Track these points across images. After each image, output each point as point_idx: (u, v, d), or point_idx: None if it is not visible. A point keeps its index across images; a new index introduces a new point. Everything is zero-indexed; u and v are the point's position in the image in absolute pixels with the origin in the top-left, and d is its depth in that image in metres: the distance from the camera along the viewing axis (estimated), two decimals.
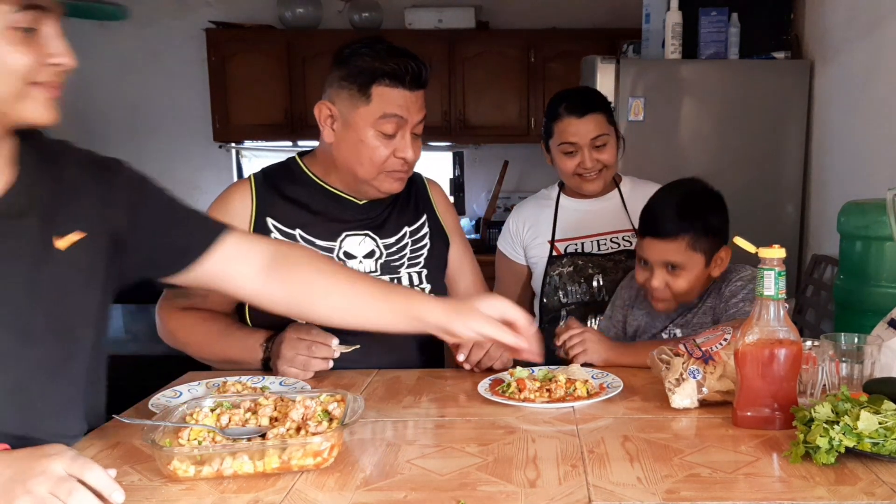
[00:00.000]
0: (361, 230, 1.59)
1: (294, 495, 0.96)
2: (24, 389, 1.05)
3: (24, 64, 0.96)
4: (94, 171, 1.15)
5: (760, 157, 2.96)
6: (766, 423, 1.16)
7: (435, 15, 4.14)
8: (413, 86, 1.49)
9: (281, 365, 1.43)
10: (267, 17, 4.26)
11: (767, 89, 2.91)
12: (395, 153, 1.51)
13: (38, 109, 1.00)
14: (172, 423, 1.07)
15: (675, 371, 1.27)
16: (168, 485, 0.99)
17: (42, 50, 0.98)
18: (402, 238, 1.62)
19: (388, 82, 1.47)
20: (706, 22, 2.91)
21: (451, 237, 1.71)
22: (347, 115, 1.50)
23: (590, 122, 1.92)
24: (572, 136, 1.92)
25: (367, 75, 1.48)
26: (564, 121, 1.93)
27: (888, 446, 1.01)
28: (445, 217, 1.71)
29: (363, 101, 1.48)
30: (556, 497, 0.95)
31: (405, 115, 1.49)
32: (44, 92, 0.99)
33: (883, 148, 2.42)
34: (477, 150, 4.56)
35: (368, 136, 1.49)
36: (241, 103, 4.17)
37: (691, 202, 1.59)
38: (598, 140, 1.92)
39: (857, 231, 1.90)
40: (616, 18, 4.04)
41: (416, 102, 1.51)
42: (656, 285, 1.58)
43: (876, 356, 1.26)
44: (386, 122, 1.49)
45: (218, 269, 1.22)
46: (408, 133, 1.51)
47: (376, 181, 1.54)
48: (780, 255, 1.13)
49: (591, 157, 1.92)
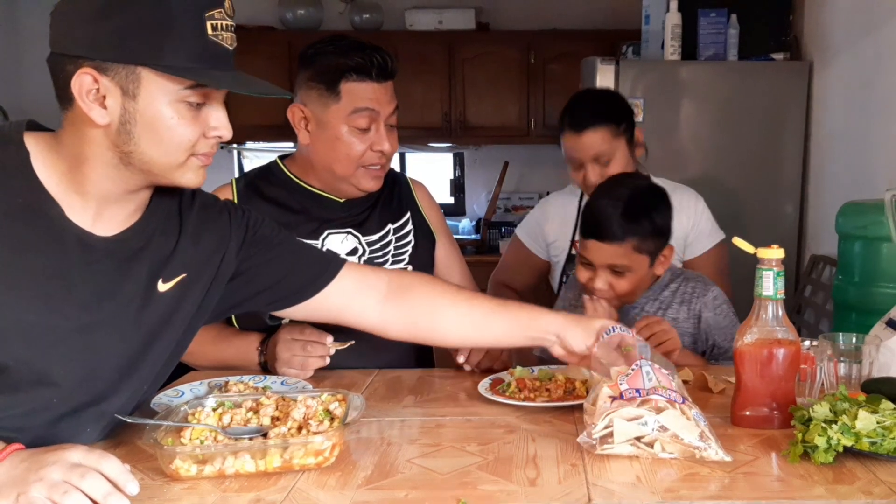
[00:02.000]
0: (343, 228, 1.59)
1: (295, 494, 0.97)
2: (113, 417, 1.11)
3: (190, 138, 1.01)
4: (213, 216, 1.19)
5: (759, 158, 2.96)
6: (765, 423, 1.16)
7: (435, 16, 4.15)
8: (380, 77, 1.49)
9: (279, 367, 1.44)
10: (268, 18, 4.27)
11: (766, 90, 2.92)
12: (372, 147, 1.51)
13: (191, 176, 1.04)
14: (175, 423, 1.07)
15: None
16: (170, 484, 1.00)
17: (206, 123, 1.02)
18: (386, 235, 1.62)
19: (356, 77, 1.48)
20: (705, 23, 2.92)
21: (438, 236, 1.70)
22: (320, 114, 1.51)
23: (588, 139, 1.81)
24: (573, 153, 1.85)
25: (333, 73, 1.48)
26: (566, 134, 1.86)
27: (886, 445, 1.01)
28: (430, 215, 1.70)
29: (333, 98, 1.49)
30: (555, 496, 0.95)
31: (376, 107, 1.49)
32: (201, 161, 1.04)
33: (881, 149, 2.43)
34: (477, 151, 4.56)
35: (343, 133, 1.50)
36: (243, 104, 4.13)
37: (636, 203, 1.53)
38: (601, 158, 1.82)
39: (855, 231, 1.91)
40: (616, 20, 4.05)
41: (385, 94, 1.51)
42: (600, 286, 1.54)
43: (874, 356, 1.26)
44: (358, 117, 1.49)
45: (338, 302, 1.26)
46: (381, 125, 1.51)
47: (354, 178, 1.54)
48: (779, 255, 1.14)
49: (593, 172, 1.83)
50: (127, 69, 0.95)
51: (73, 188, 1.02)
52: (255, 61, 4.15)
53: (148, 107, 0.97)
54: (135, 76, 0.96)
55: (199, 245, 1.15)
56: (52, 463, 0.88)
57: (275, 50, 4.15)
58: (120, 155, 0.99)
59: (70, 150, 1.00)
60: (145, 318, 1.09)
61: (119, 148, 0.99)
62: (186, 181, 1.04)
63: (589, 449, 1.07)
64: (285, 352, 1.43)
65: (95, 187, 1.02)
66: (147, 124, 0.97)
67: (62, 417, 1.05)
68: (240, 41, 1.06)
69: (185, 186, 1.06)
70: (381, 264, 1.60)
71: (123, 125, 0.97)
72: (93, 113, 0.96)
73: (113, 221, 1.06)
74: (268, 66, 4.14)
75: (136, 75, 0.96)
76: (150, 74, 0.96)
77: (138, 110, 0.97)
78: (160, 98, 0.97)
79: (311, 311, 1.27)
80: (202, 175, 1.06)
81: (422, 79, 4.03)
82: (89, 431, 1.10)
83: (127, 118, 0.97)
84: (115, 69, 0.95)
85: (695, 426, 1.05)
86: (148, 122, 0.97)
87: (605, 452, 1.06)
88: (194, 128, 1.01)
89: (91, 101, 0.96)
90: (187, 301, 1.14)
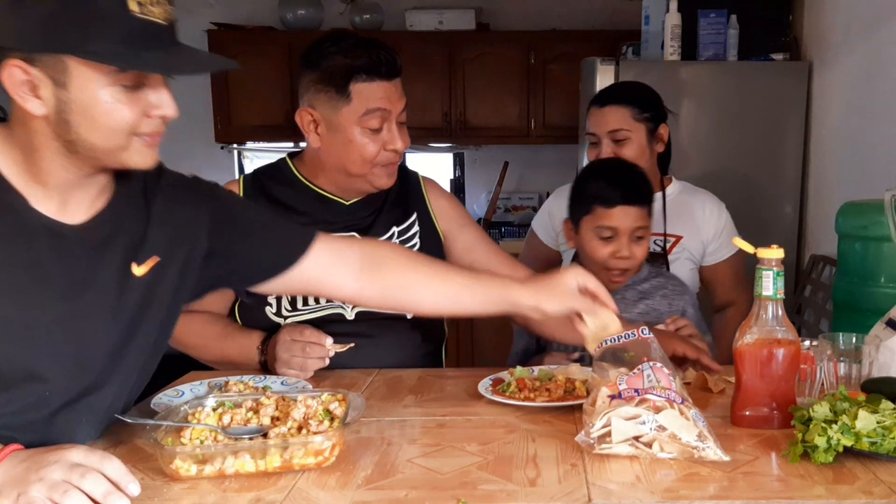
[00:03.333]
0: (347, 232, 1.56)
1: (295, 494, 0.97)
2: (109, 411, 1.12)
3: (127, 120, 0.98)
4: (180, 195, 1.17)
5: (759, 159, 2.96)
6: (765, 423, 1.16)
7: (435, 17, 4.15)
8: (389, 75, 1.48)
9: (279, 367, 1.44)
10: (268, 18, 4.27)
11: (766, 91, 2.92)
12: (385, 146, 1.51)
13: (138, 156, 1.02)
14: (175, 423, 1.07)
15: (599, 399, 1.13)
16: (170, 484, 1.00)
17: (146, 102, 0.99)
18: (391, 238, 1.61)
19: (365, 77, 1.46)
20: (705, 24, 2.92)
21: (452, 229, 1.66)
22: (330, 117, 1.49)
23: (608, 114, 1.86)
24: (592, 127, 1.89)
25: (342, 74, 1.46)
26: (590, 111, 1.89)
27: (886, 445, 1.02)
28: (441, 213, 1.66)
29: (344, 101, 1.47)
30: (555, 496, 0.95)
31: (388, 106, 1.48)
32: (145, 141, 1.02)
33: (881, 149, 2.43)
34: (477, 152, 4.56)
35: (356, 135, 1.49)
36: (243, 104, 4.18)
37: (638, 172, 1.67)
38: (618, 134, 1.86)
39: (855, 231, 1.91)
40: (615, 20, 4.05)
41: (395, 91, 1.50)
42: (626, 254, 1.60)
43: (874, 356, 1.26)
44: (370, 118, 1.48)
45: (315, 274, 1.26)
46: (393, 124, 1.50)
47: (371, 176, 1.53)
48: (779, 255, 1.14)
49: (607, 149, 1.87)
50: (54, 58, 0.93)
51: (33, 178, 1.01)
52: (255, 61, 4.15)
53: (80, 95, 0.95)
54: (62, 65, 0.94)
55: (169, 226, 1.14)
56: (52, 463, 0.88)
57: (275, 50, 4.14)
58: (64, 143, 0.99)
59: (21, 140, 1.00)
60: (124, 303, 1.09)
61: (62, 137, 0.98)
62: (134, 163, 1.03)
63: (587, 448, 1.07)
64: (284, 352, 1.43)
65: (52, 176, 1.01)
66: (82, 112, 0.96)
67: (57, 412, 1.06)
68: (240, 42, 1.06)
69: (135, 168, 1.04)
70: None
71: (60, 114, 0.96)
72: (28, 105, 0.95)
73: (80, 208, 1.06)
74: (268, 66, 4.14)
75: (63, 64, 0.94)
76: (76, 63, 0.94)
77: (72, 99, 0.95)
78: (91, 85, 0.95)
79: (288, 285, 1.26)
80: (151, 155, 1.04)
81: (422, 79, 4.03)
82: (85, 423, 1.10)
83: (62, 107, 0.96)
84: (42, 59, 0.93)
85: (693, 426, 1.05)
86: (83, 110, 0.96)
87: (603, 452, 1.06)
88: (132, 109, 0.98)
89: (25, 93, 0.95)
90: (164, 284, 1.13)
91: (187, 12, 4.21)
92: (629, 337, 1.20)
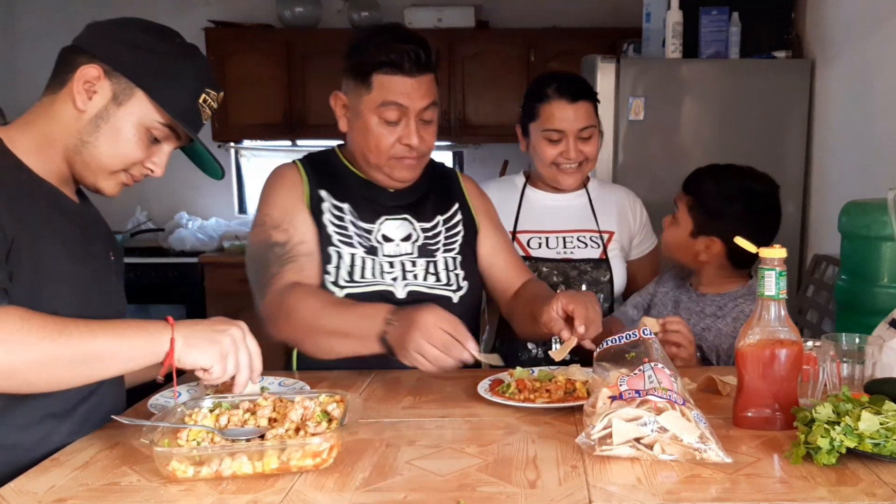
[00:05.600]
0: (399, 214, 1.61)
1: (293, 496, 0.96)
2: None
3: (134, 156, 1.19)
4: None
5: (761, 157, 2.92)
6: (767, 424, 1.15)
7: (434, 14, 4.13)
8: (414, 71, 1.49)
9: (408, 346, 1.29)
10: (266, 16, 4.25)
11: (768, 89, 2.91)
12: (401, 140, 1.52)
13: (112, 184, 1.22)
14: (171, 424, 1.06)
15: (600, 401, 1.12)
16: (167, 485, 0.99)
17: (150, 155, 1.21)
18: (437, 225, 1.64)
19: (388, 70, 1.48)
20: (707, 21, 2.91)
21: (485, 226, 1.70)
22: (355, 104, 1.54)
23: (580, 110, 1.84)
24: (559, 123, 1.84)
25: (367, 65, 1.50)
26: (553, 104, 1.84)
27: (889, 447, 1.01)
28: (477, 207, 1.71)
29: (365, 89, 1.51)
30: (556, 498, 0.94)
31: (405, 102, 1.49)
32: (125, 179, 1.22)
33: (884, 147, 2.42)
34: (477, 150, 4.55)
35: (373, 124, 1.51)
36: (240, 102, 4.16)
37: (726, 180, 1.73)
38: (585, 132, 1.85)
39: (858, 231, 1.90)
40: (616, 18, 4.04)
41: (418, 88, 1.50)
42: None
43: (877, 356, 1.25)
44: (387, 110, 1.50)
45: None
46: (412, 120, 1.51)
47: (387, 167, 1.55)
48: (781, 254, 1.13)
49: (575, 147, 1.85)
50: (128, 84, 1.16)
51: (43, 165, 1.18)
52: (252, 59, 4.15)
53: (124, 116, 1.16)
54: (130, 91, 1.16)
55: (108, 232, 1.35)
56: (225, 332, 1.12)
57: (272, 48, 4.14)
58: (77, 142, 1.17)
59: (41, 130, 1.17)
60: (115, 282, 1.30)
61: (81, 135, 1.16)
62: (105, 187, 1.21)
63: (587, 450, 1.06)
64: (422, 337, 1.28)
65: (56, 166, 1.19)
66: (114, 128, 1.16)
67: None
68: (238, 39, 1.09)
69: (102, 192, 1.22)
70: (433, 251, 1.60)
71: (96, 118, 1.16)
72: (78, 96, 1.14)
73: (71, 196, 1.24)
74: (265, 64, 4.13)
75: (131, 91, 1.16)
76: (143, 97, 1.16)
77: (117, 115, 1.16)
78: (136, 115, 1.17)
79: None
80: (119, 190, 1.23)
81: None
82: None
83: (102, 115, 1.16)
84: (118, 79, 1.15)
85: (695, 427, 1.04)
86: (115, 127, 1.16)
87: (604, 453, 1.05)
88: (142, 153, 1.19)
89: (85, 89, 1.14)
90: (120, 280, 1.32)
91: (185, 10, 4.20)
92: (630, 337, 1.19)
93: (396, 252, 1.58)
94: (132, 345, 1.06)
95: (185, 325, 1.10)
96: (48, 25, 4.03)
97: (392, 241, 1.58)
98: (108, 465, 1.07)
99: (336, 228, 1.56)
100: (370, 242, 1.57)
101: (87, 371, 1.05)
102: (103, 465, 1.07)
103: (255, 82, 4.12)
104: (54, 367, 1.01)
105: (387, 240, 1.58)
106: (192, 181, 4.40)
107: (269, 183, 1.62)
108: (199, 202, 4.51)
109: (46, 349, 1.00)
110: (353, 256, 1.55)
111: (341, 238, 1.56)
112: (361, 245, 1.56)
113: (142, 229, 4.36)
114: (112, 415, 1.15)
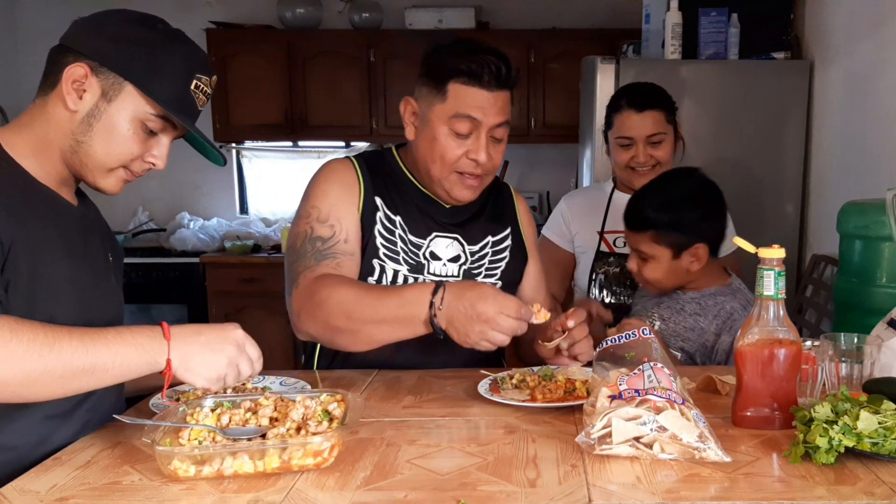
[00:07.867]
0: (451, 233, 1.56)
1: (294, 495, 0.97)
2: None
3: (131, 152, 1.17)
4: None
5: (760, 158, 2.95)
6: (766, 423, 1.16)
7: (435, 15, 4.13)
8: (492, 86, 1.45)
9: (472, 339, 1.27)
10: (267, 17, 4.26)
11: (767, 90, 2.91)
12: (468, 154, 1.47)
13: (112, 182, 1.20)
14: (173, 423, 1.07)
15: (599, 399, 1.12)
16: (168, 484, 0.99)
17: (149, 148, 1.19)
18: (485, 247, 1.60)
19: (465, 80, 1.44)
20: (706, 22, 2.92)
21: (533, 254, 1.69)
22: (425, 111, 1.49)
23: (647, 118, 1.95)
24: (628, 130, 1.96)
25: (444, 72, 1.45)
26: (623, 114, 1.98)
27: (888, 446, 1.01)
28: (528, 235, 1.68)
29: (439, 98, 1.46)
30: (556, 497, 0.95)
31: (479, 116, 1.45)
32: (125, 176, 1.20)
33: (883, 148, 2.42)
34: None
35: (442, 134, 1.47)
36: (242, 103, 4.17)
37: (667, 198, 1.67)
38: (655, 137, 1.96)
39: (856, 231, 1.91)
40: (616, 19, 4.04)
41: (494, 104, 1.46)
42: (630, 267, 1.73)
43: (875, 356, 1.26)
44: (459, 121, 1.45)
45: None
46: (483, 135, 1.46)
47: (448, 183, 1.50)
48: (780, 255, 1.13)
49: (644, 152, 1.96)
50: (116, 78, 1.13)
51: (41, 169, 1.17)
52: (254, 60, 4.15)
53: (116, 112, 1.14)
54: (119, 86, 1.14)
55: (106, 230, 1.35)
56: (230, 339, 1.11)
57: (274, 49, 4.13)
58: (73, 142, 1.15)
59: (37, 133, 1.16)
60: (114, 283, 1.30)
61: (75, 136, 1.15)
62: (105, 185, 1.19)
63: (587, 449, 1.06)
64: (490, 328, 1.25)
65: (54, 168, 1.18)
66: (106, 125, 1.14)
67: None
68: (239, 40, 1.09)
69: (103, 190, 1.20)
70: (475, 276, 1.57)
71: (88, 118, 1.14)
72: (68, 97, 1.12)
73: (69, 198, 1.23)
74: (266, 65, 4.13)
75: (120, 85, 1.14)
76: (133, 90, 1.14)
77: (108, 111, 1.14)
78: (129, 110, 1.14)
79: None
80: (121, 187, 1.21)
81: None
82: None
83: (94, 113, 1.14)
84: (106, 75, 1.13)
85: (694, 427, 1.05)
86: (108, 124, 1.14)
87: (604, 453, 1.05)
88: (139, 147, 1.17)
89: (74, 89, 1.12)
90: (119, 281, 1.32)
91: (186, 11, 4.21)
92: (629, 337, 1.20)
93: (442, 273, 1.54)
94: (126, 361, 1.04)
95: (182, 342, 1.07)
96: (49, 25, 4.02)
97: (440, 260, 1.55)
98: (109, 464, 1.07)
99: (384, 241, 1.52)
100: (417, 258, 1.53)
101: (77, 385, 1.03)
102: (105, 464, 1.07)
103: (257, 83, 4.12)
104: (43, 381, 0.99)
105: (434, 258, 1.55)
106: (194, 181, 4.40)
107: (322, 176, 1.55)
108: (201, 202, 4.52)
109: (36, 364, 0.98)
110: (395, 273, 1.51)
111: (387, 253, 1.51)
112: (407, 262, 1.52)
113: (143, 229, 4.36)
114: (113, 414, 1.15)
